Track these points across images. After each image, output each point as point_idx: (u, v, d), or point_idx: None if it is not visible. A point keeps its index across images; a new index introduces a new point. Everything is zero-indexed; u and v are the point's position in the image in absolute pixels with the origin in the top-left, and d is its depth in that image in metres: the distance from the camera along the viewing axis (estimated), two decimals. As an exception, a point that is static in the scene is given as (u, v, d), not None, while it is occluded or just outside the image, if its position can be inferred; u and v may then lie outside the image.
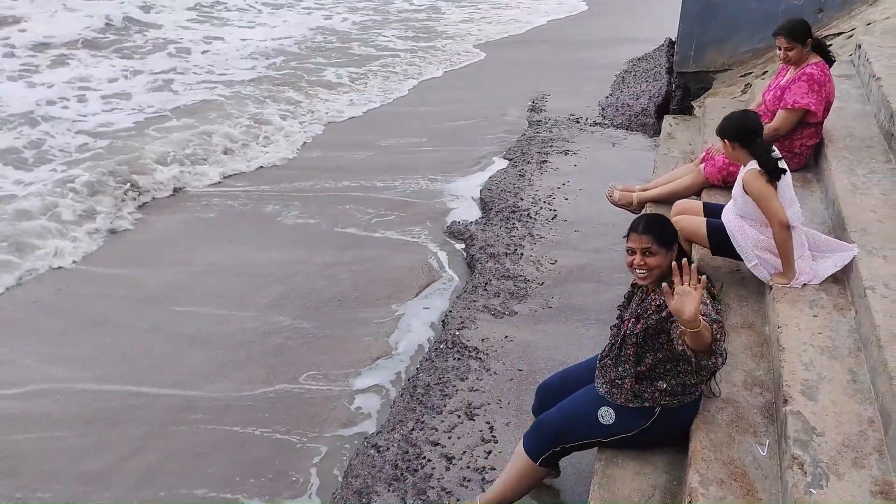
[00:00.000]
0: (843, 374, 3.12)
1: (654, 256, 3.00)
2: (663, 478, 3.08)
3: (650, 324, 3.03)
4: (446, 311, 5.46)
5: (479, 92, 10.95)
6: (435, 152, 8.65)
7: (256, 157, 8.52)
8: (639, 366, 3.08)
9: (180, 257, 6.40)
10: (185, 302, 5.71)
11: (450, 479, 3.89)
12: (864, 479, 2.63)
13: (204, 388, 4.77)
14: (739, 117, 3.91)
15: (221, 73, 11.38)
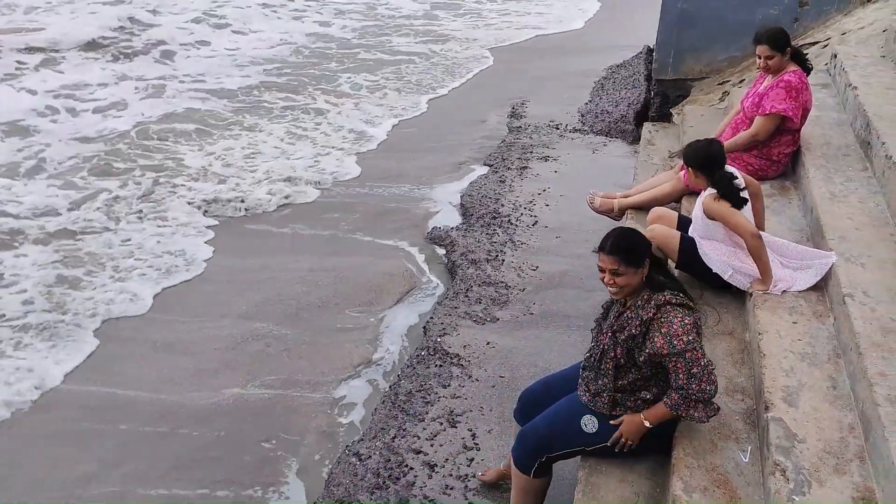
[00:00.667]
0: (824, 381, 3.15)
1: (622, 276, 2.98)
2: (647, 485, 3.09)
3: (627, 345, 3.02)
4: (428, 317, 5.44)
5: (458, 99, 10.95)
6: (415, 158, 8.64)
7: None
8: (618, 381, 3.08)
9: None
10: (162, 309, 5.65)
11: (432, 486, 3.87)
12: (845, 486, 2.65)
13: (183, 395, 4.72)
14: (704, 147, 3.97)
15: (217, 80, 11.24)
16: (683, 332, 2.87)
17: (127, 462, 4.21)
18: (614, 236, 3.02)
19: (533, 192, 7.41)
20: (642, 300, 2.99)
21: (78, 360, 5.04)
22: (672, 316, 2.91)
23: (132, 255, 6.33)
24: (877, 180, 4.42)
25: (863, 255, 3.70)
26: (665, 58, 8.15)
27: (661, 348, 2.90)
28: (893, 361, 2.95)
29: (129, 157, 8.30)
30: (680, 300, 2.95)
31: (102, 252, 6.34)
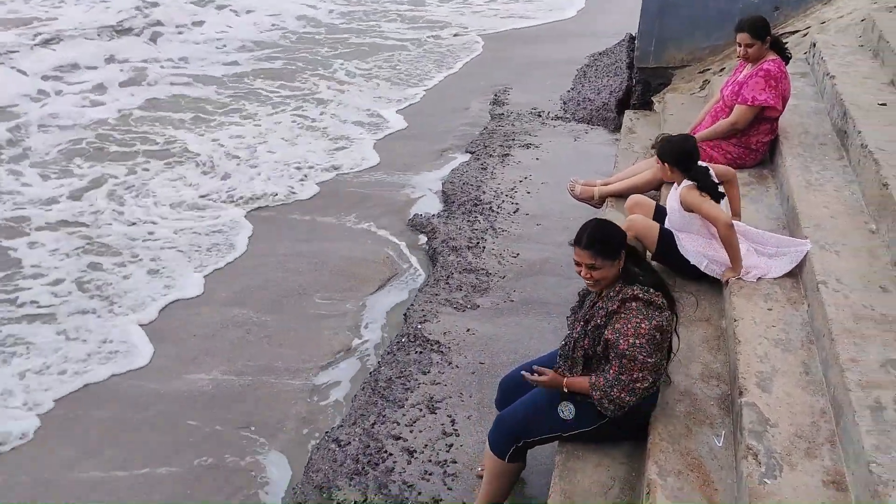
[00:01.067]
0: (797, 367, 3.19)
1: (598, 270, 2.99)
2: (622, 469, 3.12)
3: (594, 336, 3.04)
4: (408, 304, 5.45)
5: (442, 87, 10.92)
6: (397, 145, 8.62)
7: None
8: (589, 372, 3.10)
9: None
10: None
11: (412, 472, 3.89)
12: (816, 470, 2.69)
13: (161, 382, 4.71)
14: (679, 142, 4.00)
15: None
16: (633, 335, 2.89)
17: (106, 449, 4.20)
18: (589, 230, 3.02)
19: (514, 179, 7.42)
20: (614, 291, 3.02)
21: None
22: (631, 315, 2.93)
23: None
24: (852, 169, 4.46)
25: (837, 243, 3.75)
26: (647, 46, 8.17)
27: (608, 341, 2.96)
28: (865, 347, 2.99)
29: (125, 141, 8.24)
30: (648, 297, 2.95)
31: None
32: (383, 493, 3.76)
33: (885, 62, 5.42)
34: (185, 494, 3.90)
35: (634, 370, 2.91)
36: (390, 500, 3.72)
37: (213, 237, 6.46)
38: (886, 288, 3.38)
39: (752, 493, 2.60)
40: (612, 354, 2.96)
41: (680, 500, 2.76)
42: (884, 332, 3.08)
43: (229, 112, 9.37)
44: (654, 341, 2.93)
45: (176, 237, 6.42)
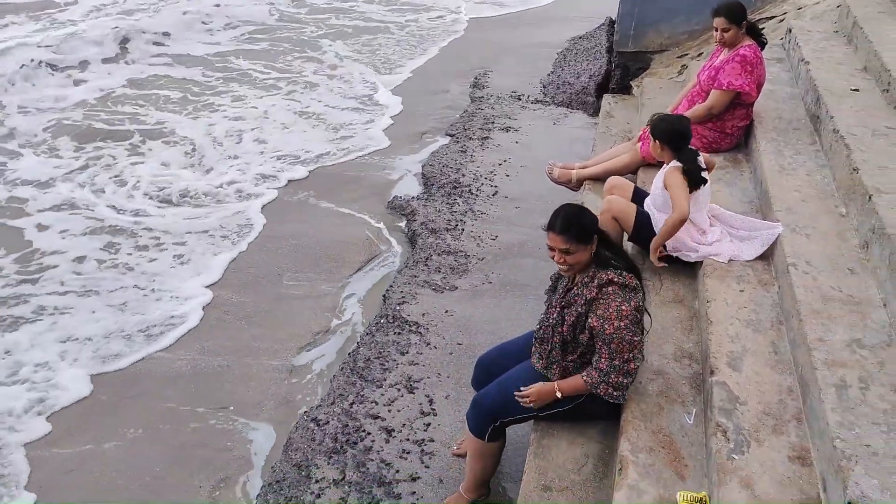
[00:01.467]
0: (766, 347, 3.27)
1: (572, 255, 3.03)
2: (596, 447, 3.19)
3: (573, 323, 3.08)
4: (387, 285, 5.48)
5: (422, 70, 10.89)
6: (376, 127, 8.61)
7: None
8: (567, 355, 3.15)
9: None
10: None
11: (389, 451, 3.94)
12: (782, 445, 2.77)
13: (138, 363, 4.71)
14: (674, 121, 4.02)
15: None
16: (617, 318, 2.95)
17: (83, 431, 4.20)
18: (563, 215, 3.05)
19: (494, 162, 7.45)
20: (588, 277, 3.06)
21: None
22: (611, 299, 2.97)
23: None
24: (824, 154, 4.54)
25: (808, 226, 3.82)
26: (626, 30, 8.20)
27: (593, 328, 3.00)
28: (832, 328, 3.07)
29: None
30: (622, 280, 3.00)
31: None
32: (361, 472, 3.80)
33: (858, 48, 5.50)
34: (166, 473, 3.92)
35: (625, 351, 2.97)
36: (368, 478, 3.76)
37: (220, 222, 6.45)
38: (854, 270, 3.46)
39: (720, 468, 2.67)
40: (598, 342, 3.01)
41: (651, 475, 2.83)
42: (850, 312, 3.16)
43: (219, 93, 9.29)
44: (636, 321, 3.00)
45: (164, 220, 6.41)
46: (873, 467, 2.39)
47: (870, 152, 4.03)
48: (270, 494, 3.73)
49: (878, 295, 3.28)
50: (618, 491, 2.78)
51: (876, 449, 2.47)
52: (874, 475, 2.36)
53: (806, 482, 2.63)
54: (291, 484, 3.76)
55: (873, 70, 5.06)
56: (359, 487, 3.71)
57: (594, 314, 3.00)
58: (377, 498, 3.65)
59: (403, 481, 3.75)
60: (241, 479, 3.92)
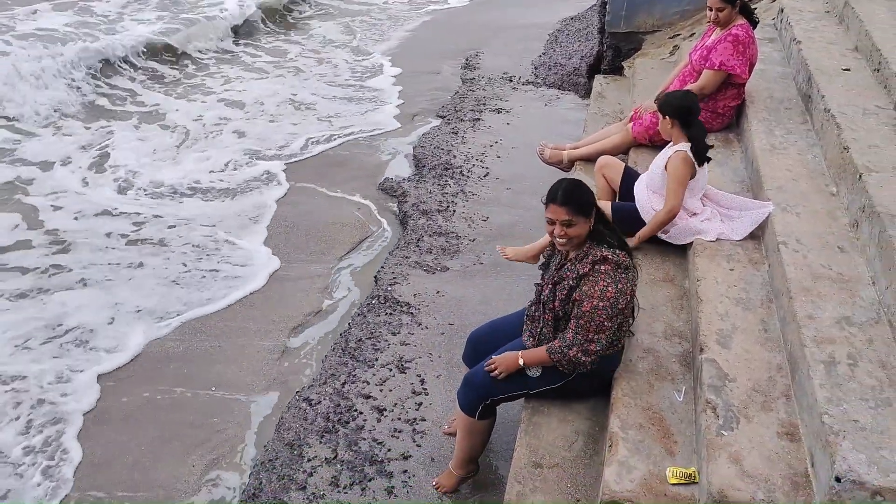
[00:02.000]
0: (756, 324, 3.29)
1: (573, 227, 3.02)
2: (586, 424, 3.21)
3: (564, 298, 3.08)
4: (379, 266, 5.47)
5: (413, 49, 10.84)
6: (367, 108, 8.57)
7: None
8: (557, 332, 3.15)
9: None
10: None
11: (381, 430, 3.95)
12: (771, 422, 2.79)
13: (133, 346, 4.71)
14: (683, 97, 3.99)
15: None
16: (599, 297, 2.95)
17: (75, 416, 4.21)
18: (564, 187, 3.05)
19: (485, 143, 7.43)
20: (582, 253, 3.06)
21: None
22: (600, 277, 2.97)
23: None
24: (815, 133, 4.54)
25: (798, 204, 3.83)
26: (618, 10, 8.16)
27: (575, 301, 3.02)
28: (821, 305, 3.08)
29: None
30: (616, 258, 3.00)
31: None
32: (353, 451, 3.81)
33: (849, 28, 5.49)
34: (158, 452, 3.93)
35: (591, 331, 2.98)
36: (360, 456, 3.77)
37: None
38: (844, 248, 3.48)
39: (709, 444, 2.69)
40: (573, 314, 3.03)
41: (640, 452, 2.85)
42: (839, 290, 3.18)
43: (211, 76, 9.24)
44: (616, 305, 2.98)
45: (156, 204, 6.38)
46: (861, 442, 2.42)
47: (860, 131, 4.03)
48: (263, 473, 3.73)
49: (867, 273, 3.29)
50: (608, 467, 2.80)
51: (864, 424, 2.49)
52: (861, 450, 2.39)
53: (794, 458, 2.65)
54: (284, 463, 3.77)
55: (864, 49, 5.06)
56: (351, 466, 3.72)
57: (580, 289, 3.00)
58: (369, 476, 3.66)
59: (395, 460, 3.77)
60: (233, 458, 3.92)
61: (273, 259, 5.61)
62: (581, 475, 2.99)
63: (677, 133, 3.93)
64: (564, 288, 3.08)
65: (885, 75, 4.60)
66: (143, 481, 3.78)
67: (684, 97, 3.99)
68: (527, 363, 3.17)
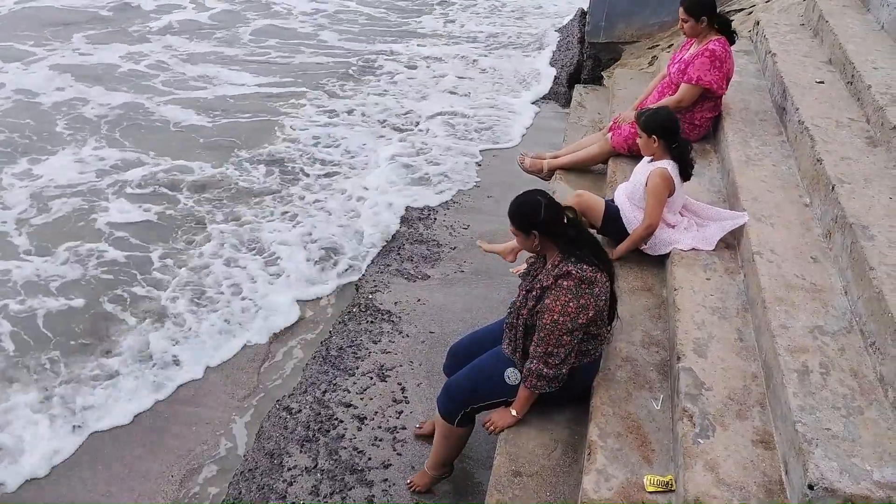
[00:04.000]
0: (731, 333, 3.34)
1: (517, 237, 3.15)
2: (565, 433, 3.24)
3: (532, 305, 3.11)
4: (359, 274, 5.48)
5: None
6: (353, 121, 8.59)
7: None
8: (528, 339, 3.17)
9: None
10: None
11: (362, 439, 3.97)
12: (746, 430, 2.84)
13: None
14: (665, 114, 4.03)
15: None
16: (560, 312, 2.97)
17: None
18: (511, 203, 3.15)
19: (466, 151, 7.46)
20: (552, 265, 3.09)
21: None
22: (562, 292, 2.98)
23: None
24: (790, 144, 4.62)
25: (773, 215, 3.89)
26: (598, 21, 8.26)
27: (538, 312, 3.05)
28: (794, 315, 3.14)
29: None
30: (581, 273, 2.99)
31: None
32: (334, 459, 3.82)
33: (823, 41, 5.59)
34: (135, 463, 3.91)
35: (550, 344, 3.01)
36: (341, 465, 3.78)
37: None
38: (817, 258, 3.54)
39: (686, 451, 2.73)
40: (536, 325, 3.06)
41: (619, 460, 2.89)
42: (812, 300, 3.24)
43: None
44: (575, 320, 2.99)
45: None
46: (833, 450, 2.47)
47: (833, 143, 4.11)
48: (242, 483, 3.73)
49: (839, 283, 3.36)
50: (586, 475, 2.84)
51: (836, 432, 2.54)
52: (833, 458, 2.44)
53: (769, 465, 2.69)
54: (264, 472, 3.77)
55: (837, 62, 5.16)
56: (331, 475, 3.73)
57: (542, 301, 3.04)
58: (349, 485, 3.68)
59: (375, 468, 3.78)
60: (212, 467, 3.91)
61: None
62: (560, 483, 3.02)
63: (661, 151, 3.97)
64: (533, 298, 3.11)
65: (857, 88, 4.69)
66: (120, 492, 3.76)
67: (668, 115, 4.02)
68: (519, 412, 3.21)
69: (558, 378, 3.07)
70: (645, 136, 3.99)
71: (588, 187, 5.10)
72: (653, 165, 3.97)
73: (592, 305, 3.02)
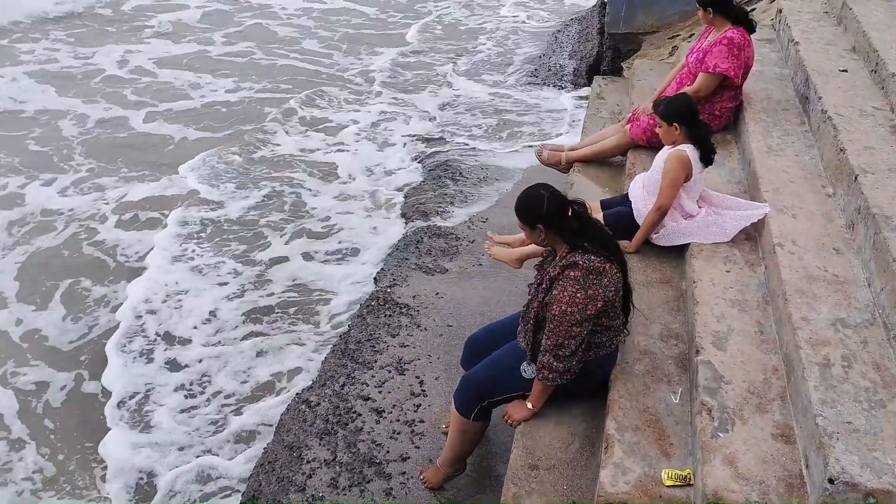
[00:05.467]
0: (752, 326, 3.30)
1: (524, 231, 3.13)
2: (582, 426, 3.22)
3: (542, 297, 3.09)
4: (378, 268, 5.49)
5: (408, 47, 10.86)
6: (367, 111, 8.59)
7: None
8: (537, 334, 3.15)
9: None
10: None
11: (380, 432, 3.97)
12: (766, 424, 2.81)
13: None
14: (682, 100, 3.98)
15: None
16: (568, 303, 2.94)
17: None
18: (519, 196, 3.13)
19: (484, 144, 7.44)
20: (560, 256, 3.07)
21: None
22: (568, 283, 2.96)
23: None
24: (813, 134, 4.55)
25: (794, 206, 3.84)
26: (617, 11, 8.19)
27: (547, 304, 3.03)
28: (816, 307, 3.10)
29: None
30: (588, 264, 2.96)
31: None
32: (352, 452, 3.83)
33: (847, 29, 5.50)
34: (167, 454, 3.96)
35: (560, 336, 2.98)
36: (359, 458, 3.79)
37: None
38: (840, 250, 3.49)
39: (704, 446, 2.71)
40: (546, 317, 3.04)
41: (636, 453, 2.87)
42: (834, 292, 3.19)
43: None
44: (584, 311, 2.96)
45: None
46: (854, 444, 2.43)
47: (857, 133, 4.05)
48: (262, 475, 3.76)
49: (862, 275, 3.31)
50: (603, 469, 2.82)
51: (857, 426, 2.51)
52: (854, 452, 2.40)
53: (789, 459, 2.66)
54: (283, 464, 3.79)
55: (861, 51, 5.07)
56: (349, 468, 3.74)
57: (550, 293, 3.02)
58: (368, 478, 3.68)
59: (394, 461, 3.79)
60: (235, 460, 3.94)
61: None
62: (577, 477, 3.01)
63: (682, 138, 3.92)
64: (542, 291, 3.09)
65: (882, 76, 4.61)
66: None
67: (683, 101, 3.98)
68: (534, 405, 3.20)
69: (570, 371, 3.05)
70: (665, 124, 3.94)
71: (607, 179, 5.08)
72: (669, 149, 3.93)
73: (601, 296, 2.98)
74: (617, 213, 4.15)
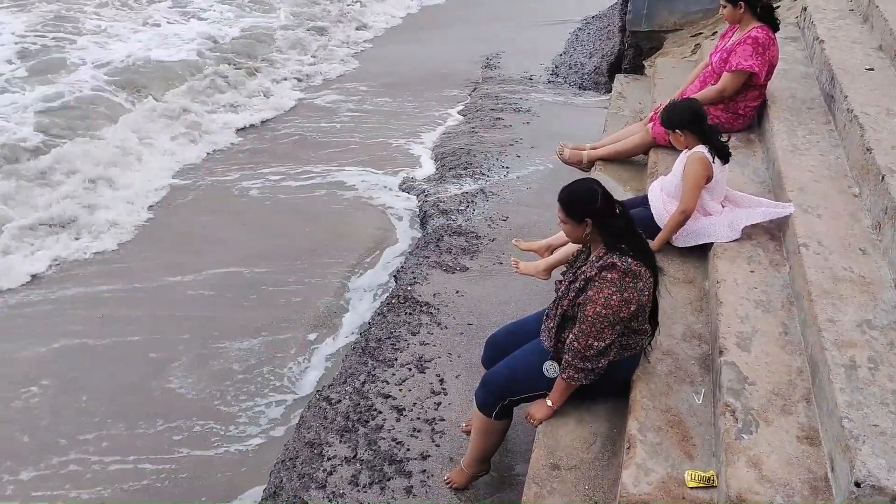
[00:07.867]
0: (776, 327, 3.27)
1: (565, 225, 3.06)
2: (604, 426, 3.21)
3: (573, 296, 3.07)
4: (398, 266, 5.50)
5: (432, 46, 10.87)
6: (389, 107, 8.61)
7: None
8: (561, 333, 3.13)
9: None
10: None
11: (400, 429, 3.98)
12: (791, 426, 2.78)
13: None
14: (687, 106, 3.95)
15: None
16: (603, 305, 2.92)
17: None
18: (567, 186, 3.08)
19: (505, 142, 7.44)
20: (596, 256, 3.05)
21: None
22: (605, 285, 2.93)
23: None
24: (838, 133, 4.50)
25: (820, 206, 3.80)
26: (639, 9, 8.14)
27: (580, 304, 3.01)
28: (842, 308, 3.06)
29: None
30: (625, 266, 2.94)
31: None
32: (373, 450, 3.84)
33: (874, 27, 5.43)
34: (180, 446, 3.99)
35: (590, 336, 2.97)
36: (379, 456, 3.80)
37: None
38: (866, 250, 3.45)
39: (728, 448, 2.69)
40: (578, 316, 3.02)
41: (659, 454, 2.85)
42: (861, 293, 3.15)
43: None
44: (618, 314, 2.94)
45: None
46: (880, 447, 2.40)
47: (883, 132, 3.99)
48: (283, 472, 3.78)
49: (889, 275, 3.27)
50: (626, 470, 2.80)
51: (884, 429, 2.47)
52: (881, 455, 2.37)
53: (814, 462, 2.63)
54: (304, 461, 3.81)
55: (888, 49, 5.01)
56: (370, 465, 3.75)
57: (585, 293, 3.00)
58: (388, 475, 3.69)
59: (414, 459, 3.79)
60: (257, 455, 3.97)
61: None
62: (599, 477, 2.99)
63: (691, 141, 3.90)
64: (574, 289, 3.07)
65: (909, 75, 4.56)
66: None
67: (690, 105, 3.96)
68: (555, 403, 3.18)
69: (596, 371, 3.04)
70: (670, 132, 3.95)
71: (628, 179, 5.06)
72: (687, 153, 3.91)
73: (635, 300, 2.97)
74: (636, 216, 4.12)
